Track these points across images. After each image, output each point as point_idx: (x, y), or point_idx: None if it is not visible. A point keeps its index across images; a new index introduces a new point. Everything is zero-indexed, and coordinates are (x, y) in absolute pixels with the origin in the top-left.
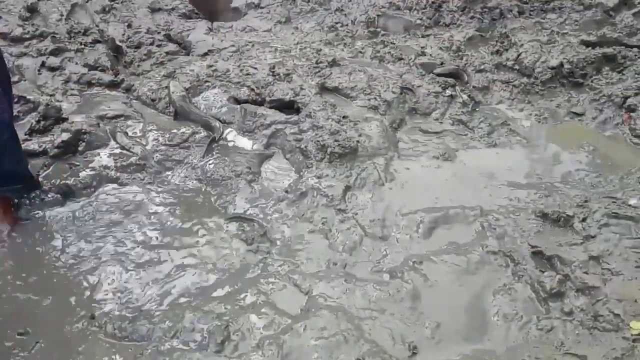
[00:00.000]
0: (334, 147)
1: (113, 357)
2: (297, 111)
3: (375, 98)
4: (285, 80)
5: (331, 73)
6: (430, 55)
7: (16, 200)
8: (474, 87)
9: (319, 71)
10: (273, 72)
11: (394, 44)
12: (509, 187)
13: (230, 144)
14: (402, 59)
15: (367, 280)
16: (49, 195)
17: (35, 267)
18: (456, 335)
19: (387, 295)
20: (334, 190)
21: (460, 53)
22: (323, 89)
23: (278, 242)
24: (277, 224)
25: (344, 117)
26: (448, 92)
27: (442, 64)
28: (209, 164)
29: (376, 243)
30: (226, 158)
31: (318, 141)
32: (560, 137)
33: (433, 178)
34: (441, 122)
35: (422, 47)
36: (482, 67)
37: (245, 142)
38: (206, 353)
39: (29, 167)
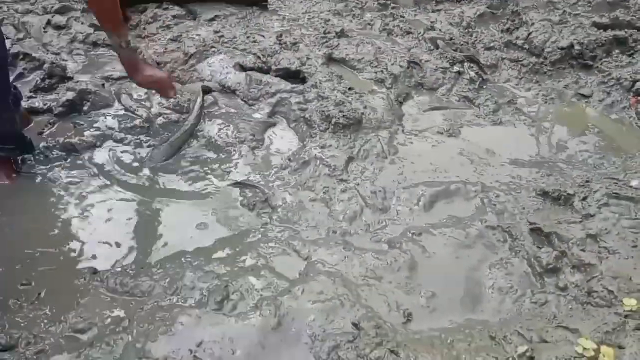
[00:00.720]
0: (338, 118)
1: (114, 310)
2: (303, 81)
3: (382, 71)
4: (292, 49)
5: (338, 44)
6: (440, 30)
7: (19, 158)
8: (482, 64)
9: (327, 41)
10: (280, 40)
11: (404, 17)
12: (512, 165)
13: (236, 111)
14: (410, 32)
15: (366, 249)
16: (53, 153)
17: (38, 221)
18: (450, 305)
19: (385, 264)
20: (337, 160)
21: (470, 29)
22: (330, 59)
23: (279, 209)
24: (279, 191)
25: (349, 88)
26: (456, 68)
27: (451, 39)
28: (213, 130)
29: (376, 214)
30: (230, 124)
31: (323, 111)
32: (566, 118)
33: (436, 153)
34: (447, 98)
35: (431, 22)
36: (492, 44)
37: (249, 110)
38: (205, 310)
39: (19, 127)
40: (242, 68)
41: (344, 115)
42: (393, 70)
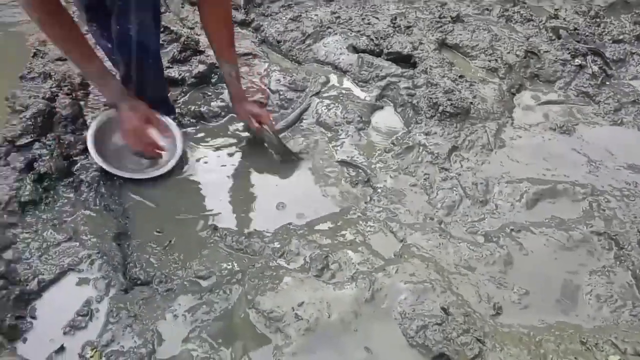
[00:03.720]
0: (446, 106)
1: (230, 263)
2: (414, 66)
3: (496, 60)
4: (405, 32)
5: (453, 29)
6: (564, 19)
7: None
8: (607, 58)
9: (441, 26)
10: (394, 23)
11: (525, 3)
12: (628, 170)
13: (346, 92)
14: (531, 20)
15: (462, 239)
16: (185, 119)
17: (172, 178)
18: (543, 305)
19: (480, 256)
20: (440, 148)
21: (597, 19)
22: (443, 45)
23: (379, 190)
24: (381, 173)
25: (460, 76)
26: (577, 61)
27: (575, 29)
28: (323, 108)
29: (475, 206)
30: (339, 105)
31: (431, 98)
32: None
33: (546, 149)
34: (565, 92)
35: (555, 9)
36: (621, 37)
37: (358, 92)
38: (306, 275)
39: (168, 93)
40: (355, 50)
41: (452, 104)
42: (508, 59)
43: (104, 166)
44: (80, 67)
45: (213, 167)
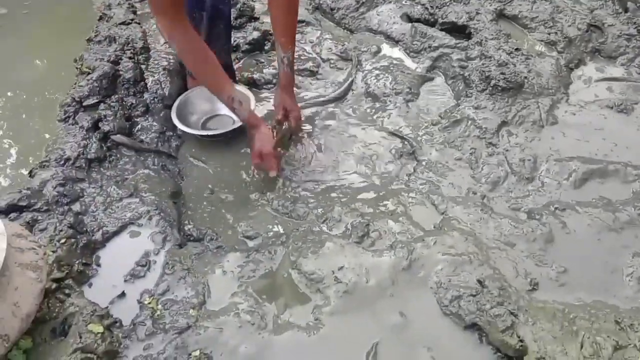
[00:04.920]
0: (498, 80)
1: (276, 226)
2: (468, 36)
3: (556, 32)
4: (462, 2)
5: None
6: None
7: None
8: None
9: None
10: None
11: None
12: None
13: (396, 63)
14: None
15: (504, 215)
16: (238, 85)
17: (227, 143)
18: (581, 284)
19: (521, 232)
20: (489, 123)
21: None
22: (500, 15)
23: (424, 163)
24: (427, 145)
25: (516, 49)
26: None
27: None
28: (372, 79)
29: (521, 183)
30: (389, 75)
31: (483, 71)
32: None
33: (600, 128)
34: (627, 69)
35: None
36: None
37: (409, 63)
38: (347, 241)
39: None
40: (409, 19)
41: (505, 78)
42: (569, 32)
43: (184, 128)
44: (216, 95)
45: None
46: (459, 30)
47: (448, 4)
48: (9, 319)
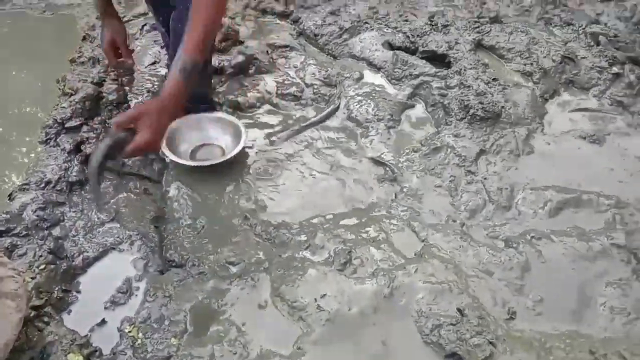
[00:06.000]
0: (477, 110)
1: (259, 252)
2: (448, 65)
3: (532, 64)
4: (442, 31)
5: (490, 30)
6: (605, 24)
7: None
8: None
9: (479, 27)
10: (431, 21)
11: (567, 6)
12: None
13: (378, 89)
14: (571, 24)
15: (482, 243)
16: (223, 108)
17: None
18: (557, 313)
19: (498, 260)
20: (468, 151)
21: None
22: (478, 45)
23: (405, 189)
24: (408, 172)
25: (494, 79)
26: (614, 69)
27: (615, 36)
28: (355, 105)
29: (498, 211)
30: (371, 102)
31: (462, 100)
32: None
33: (573, 158)
34: (599, 100)
35: (597, 14)
36: None
37: (390, 90)
38: (330, 268)
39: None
40: (391, 46)
41: (483, 108)
42: (544, 63)
43: (174, 158)
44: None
45: (246, 157)
46: (439, 59)
47: (428, 32)
48: None
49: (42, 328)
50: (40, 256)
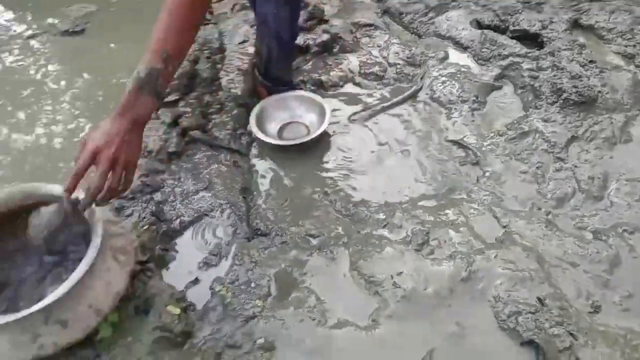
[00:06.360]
0: (570, 93)
1: (338, 227)
2: (540, 46)
3: (634, 45)
4: (535, 9)
5: (590, 8)
6: None
7: None
8: None
9: (577, 4)
10: None
11: None
12: None
13: (464, 70)
14: None
15: (568, 233)
16: (307, 87)
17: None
18: None
19: (585, 252)
20: (558, 137)
21: None
22: (575, 25)
23: (487, 174)
24: (491, 156)
25: (590, 61)
26: None
27: None
28: (438, 85)
29: (589, 201)
30: (456, 82)
31: (555, 83)
32: None
33: None
34: None
35: None
36: None
37: (477, 70)
38: (407, 248)
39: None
40: (479, 25)
41: (577, 92)
42: None
43: (262, 137)
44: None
45: (328, 135)
46: (530, 39)
47: (520, 11)
48: (102, 296)
49: (145, 281)
50: (144, 218)
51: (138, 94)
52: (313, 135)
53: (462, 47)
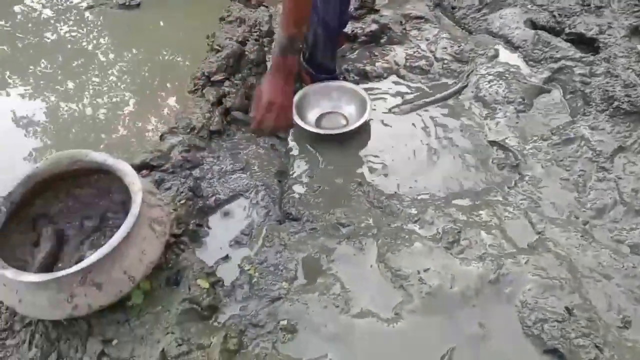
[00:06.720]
0: (622, 102)
1: (368, 218)
2: (596, 51)
3: None
4: (594, 13)
5: None
6: None
7: None
8: None
9: (639, 10)
10: (584, 1)
11: None
12: None
13: (513, 70)
14: None
15: (605, 245)
16: (350, 76)
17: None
18: None
19: (620, 266)
20: (605, 146)
21: None
22: (636, 32)
23: (527, 178)
24: (532, 160)
25: None
26: None
27: None
28: (485, 84)
29: (630, 214)
30: (503, 82)
31: (607, 90)
32: None
33: None
34: None
35: None
36: None
37: (526, 71)
38: (437, 245)
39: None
40: (533, 25)
41: (630, 101)
42: None
43: (301, 124)
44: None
45: (367, 126)
46: (586, 43)
47: (578, 13)
48: (136, 263)
49: (178, 254)
50: (182, 192)
51: (285, 56)
52: (352, 127)
53: (514, 46)
